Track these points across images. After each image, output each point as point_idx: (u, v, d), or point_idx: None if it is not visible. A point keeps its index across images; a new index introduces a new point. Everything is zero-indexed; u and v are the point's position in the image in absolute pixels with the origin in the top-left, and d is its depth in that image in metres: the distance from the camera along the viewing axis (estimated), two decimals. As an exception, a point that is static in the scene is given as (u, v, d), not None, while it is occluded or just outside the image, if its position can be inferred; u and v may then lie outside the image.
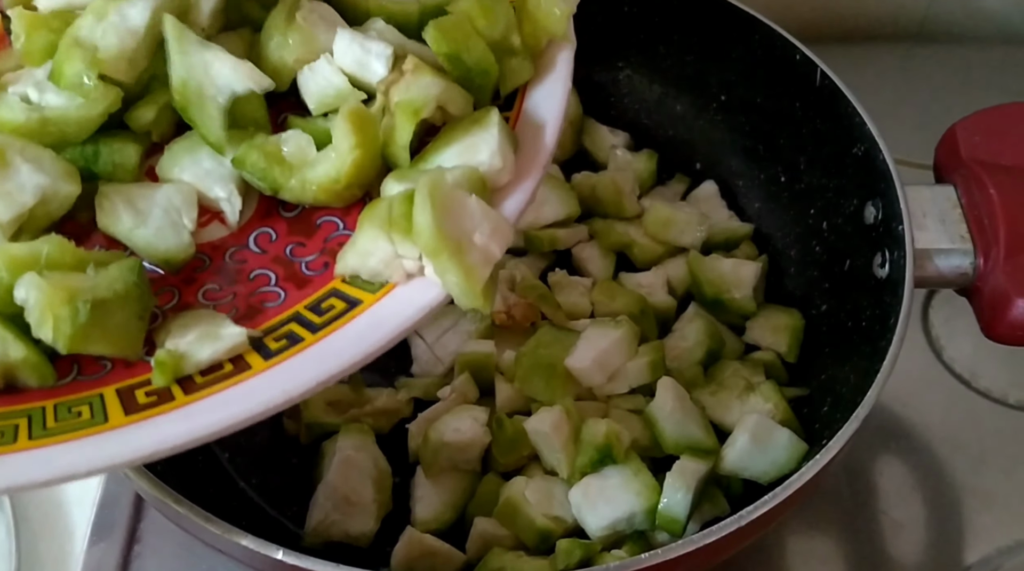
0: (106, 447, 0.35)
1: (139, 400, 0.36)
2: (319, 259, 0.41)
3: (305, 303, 0.39)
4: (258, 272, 0.41)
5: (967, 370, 0.73)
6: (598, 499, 0.56)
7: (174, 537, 0.64)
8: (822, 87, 0.64)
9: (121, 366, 0.38)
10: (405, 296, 0.39)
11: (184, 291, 0.41)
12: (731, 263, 0.66)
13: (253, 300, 0.40)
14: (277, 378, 0.36)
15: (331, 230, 0.42)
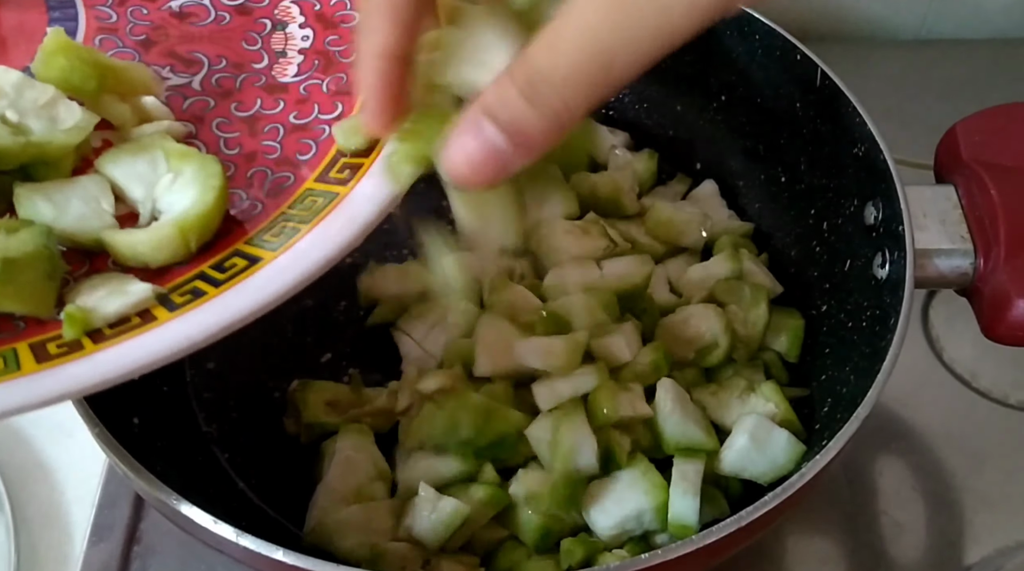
0: (17, 390, 0.37)
1: (50, 351, 0.39)
2: (223, 226, 0.45)
3: (209, 263, 0.43)
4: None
5: (967, 370, 0.73)
6: (606, 498, 0.56)
7: (174, 537, 0.64)
8: (822, 87, 0.64)
9: (34, 324, 0.40)
10: (303, 251, 0.42)
11: (95, 259, 0.44)
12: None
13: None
14: (181, 327, 0.40)
15: (235, 201, 0.46)
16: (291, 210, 0.45)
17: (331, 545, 0.55)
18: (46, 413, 0.71)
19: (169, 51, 0.52)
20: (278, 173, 0.47)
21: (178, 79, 0.51)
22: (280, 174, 0.47)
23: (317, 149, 0.48)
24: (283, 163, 0.48)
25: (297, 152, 0.48)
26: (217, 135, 0.49)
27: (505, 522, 0.58)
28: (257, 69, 0.52)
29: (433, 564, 0.56)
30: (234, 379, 0.66)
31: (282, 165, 0.48)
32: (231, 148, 0.49)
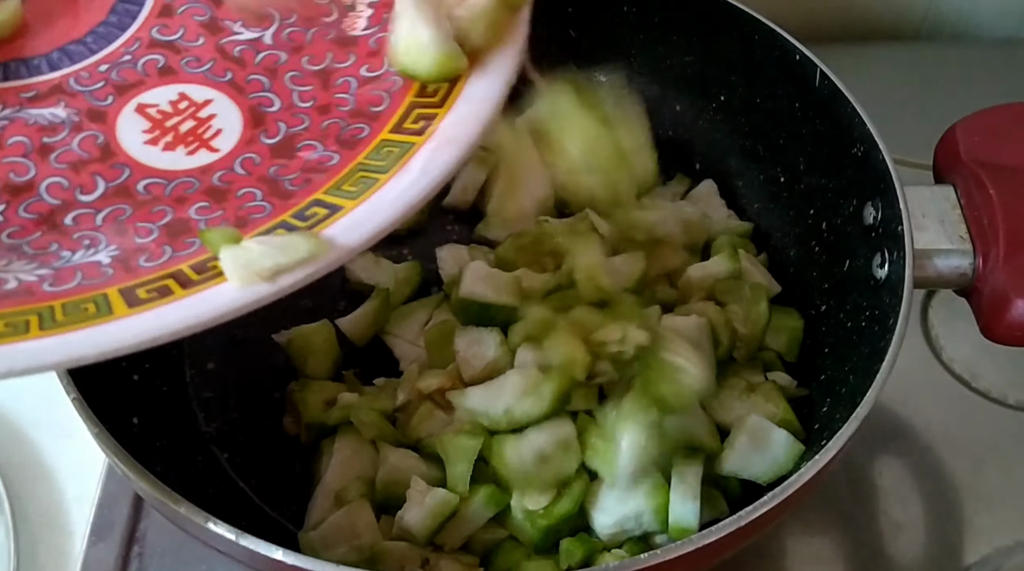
0: (112, 333, 0.38)
1: (140, 296, 0.40)
2: (301, 176, 0.45)
3: (290, 212, 0.43)
4: (245, 190, 0.45)
5: (967, 370, 0.73)
6: (607, 498, 0.56)
7: (174, 537, 0.64)
8: (822, 87, 0.64)
9: (122, 270, 0.41)
10: (382, 200, 0.43)
11: (176, 209, 0.44)
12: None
13: (241, 213, 0.44)
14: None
15: (311, 151, 0.47)
16: (368, 161, 0.45)
17: (321, 556, 0.55)
18: (46, 413, 0.71)
19: (241, 6, 0.52)
20: (352, 125, 0.48)
21: (250, 34, 0.51)
22: (355, 126, 0.47)
23: (391, 100, 0.48)
24: (357, 115, 0.48)
25: (370, 104, 0.48)
26: (290, 88, 0.49)
27: (504, 522, 0.58)
28: (327, 23, 0.52)
29: (432, 564, 0.56)
30: (234, 379, 0.66)
31: (356, 117, 0.48)
32: (304, 101, 0.49)
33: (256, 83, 0.49)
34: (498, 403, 0.58)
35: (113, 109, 0.48)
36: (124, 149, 0.47)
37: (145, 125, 0.47)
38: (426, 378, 0.62)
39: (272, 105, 0.49)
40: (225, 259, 0.40)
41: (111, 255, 0.42)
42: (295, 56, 0.51)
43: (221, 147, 0.47)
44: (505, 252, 0.67)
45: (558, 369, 0.58)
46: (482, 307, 0.62)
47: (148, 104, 0.48)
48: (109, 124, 0.47)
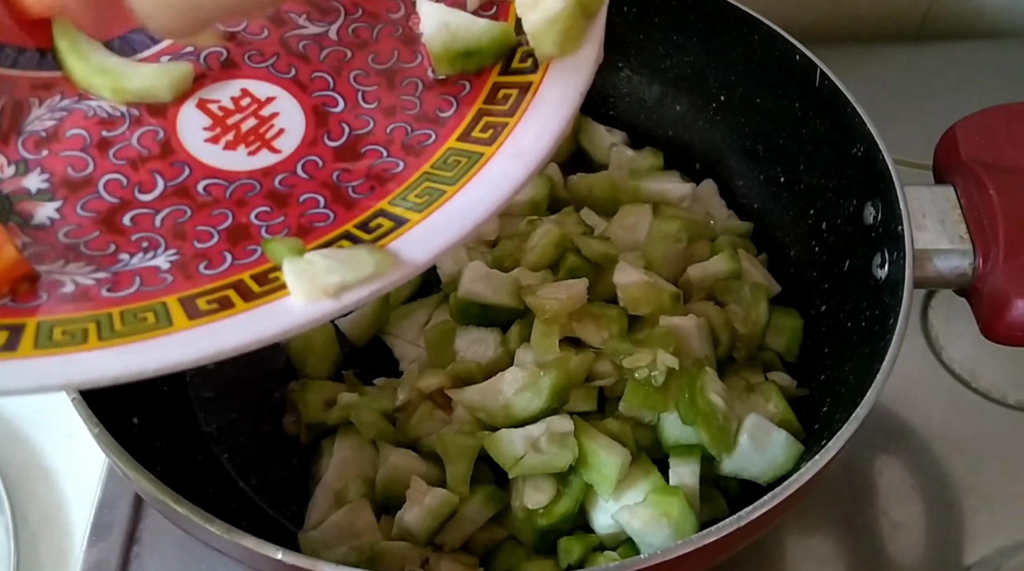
0: (172, 347, 0.37)
1: (200, 307, 0.38)
2: (365, 183, 0.43)
3: (354, 222, 0.42)
4: (307, 196, 0.43)
5: (967, 370, 0.73)
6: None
7: (174, 537, 0.64)
8: (822, 87, 0.64)
9: (181, 277, 0.40)
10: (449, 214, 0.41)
11: (237, 213, 0.43)
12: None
13: (303, 221, 0.42)
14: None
15: (375, 157, 0.45)
16: (434, 170, 0.43)
17: (322, 556, 0.55)
18: (46, 413, 0.71)
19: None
20: (418, 130, 0.46)
21: (315, 28, 0.49)
22: (420, 131, 0.46)
23: (458, 106, 0.46)
24: (423, 119, 0.46)
25: (437, 108, 0.46)
26: (355, 87, 0.47)
27: (504, 522, 0.58)
28: (394, 19, 0.50)
29: (432, 564, 0.56)
30: (234, 379, 0.66)
31: (422, 121, 0.46)
32: (369, 102, 0.47)
33: (320, 81, 0.47)
34: (496, 398, 0.58)
35: (174, 104, 0.46)
36: (184, 146, 0.45)
37: (206, 122, 0.46)
38: (426, 378, 0.62)
39: (336, 105, 0.47)
40: (289, 272, 0.38)
41: (170, 260, 0.40)
42: (360, 53, 0.48)
43: (283, 148, 0.45)
44: (502, 251, 0.67)
45: (555, 364, 0.58)
46: (481, 307, 0.62)
47: (210, 100, 0.46)
48: (170, 119, 0.46)
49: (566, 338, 0.61)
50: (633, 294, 0.62)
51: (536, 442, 0.56)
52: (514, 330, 0.62)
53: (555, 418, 0.57)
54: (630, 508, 0.55)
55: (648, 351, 0.58)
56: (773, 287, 0.67)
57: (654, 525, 0.54)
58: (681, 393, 0.57)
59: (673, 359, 0.57)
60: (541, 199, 0.71)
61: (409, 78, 0.48)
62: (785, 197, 0.70)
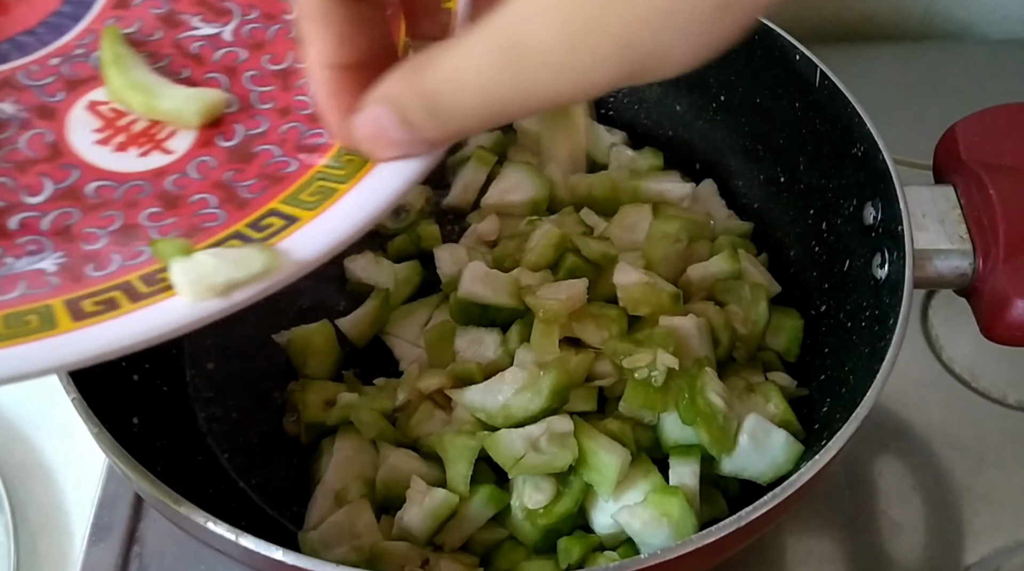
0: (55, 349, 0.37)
1: (85, 309, 0.38)
2: (258, 183, 0.44)
3: (246, 221, 0.42)
4: (199, 196, 0.43)
5: (967, 370, 0.73)
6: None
7: (174, 537, 0.64)
8: (822, 87, 0.64)
9: (68, 280, 0.40)
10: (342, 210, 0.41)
11: (127, 214, 0.43)
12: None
13: (194, 221, 0.42)
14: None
15: (268, 157, 0.45)
16: (327, 169, 0.44)
17: (321, 556, 0.55)
18: (46, 413, 0.71)
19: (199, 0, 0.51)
20: (312, 129, 0.46)
21: (209, 29, 0.49)
22: (315, 130, 0.46)
23: None
24: (318, 119, 0.46)
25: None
26: (249, 88, 0.48)
27: (504, 522, 0.58)
28: (289, 20, 0.50)
29: (432, 564, 0.56)
30: (234, 379, 0.66)
31: (316, 121, 0.46)
32: (264, 102, 0.47)
33: (214, 82, 0.47)
34: (496, 398, 0.58)
35: (63, 106, 0.46)
36: (74, 149, 0.45)
37: (97, 124, 0.45)
38: (426, 378, 0.62)
39: (230, 106, 0.47)
40: (176, 272, 0.38)
41: (57, 263, 0.40)
42: (255, 54, 0.49)
43: (175, 149, 0.45)
44: (502, 252, 0.67)
45: (555, 365, 0.58)
46: (481, 308, 0.62)
47: (101, 102, 0.46)
48: (59, 122, 0.45)
49: (566, 338, 0.61)
50: (633, 294, 0.62)
51: (536, 442, 0.56)
52: (514, 330, 0.62)
53: (555, 418, 0.57)
54: (630, 508, 0.55)
55: (648, 351, 0.58)
56: (773, 287, 0.67)
57: (654, 525, 0.54)
58: (681, 393, 0.57)
59: (673, 359, 0.57)
60: (541, 199, 0.71)
61: (305, 78, 0.48)
62: (785, 197, 0.70)
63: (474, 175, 0.73)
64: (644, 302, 0.62)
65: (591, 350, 0.61)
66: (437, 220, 0.73)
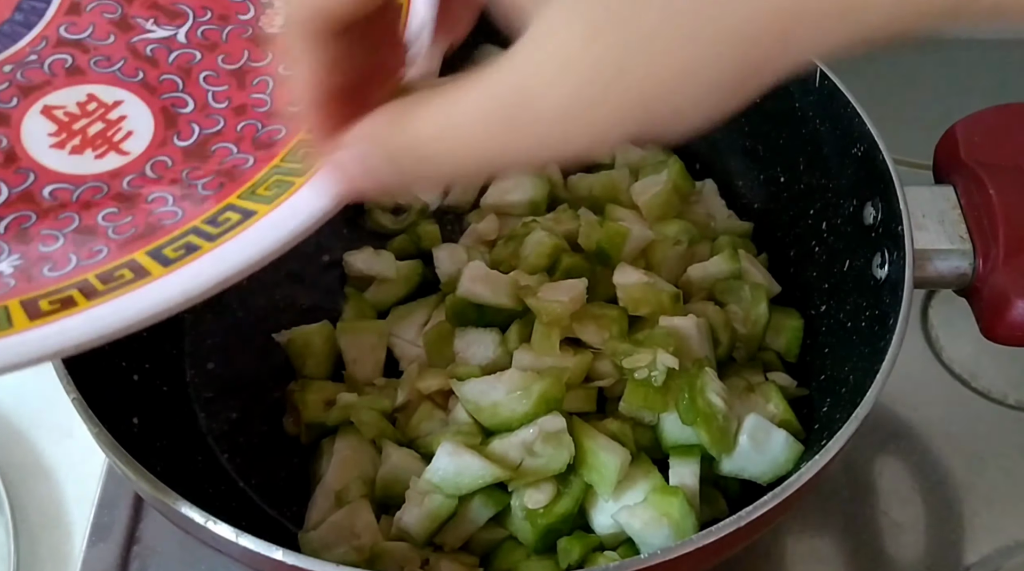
0: (11, 348, 0.37)
1: (43, 308, 0.39)
2: (215, 180, 0.44)
3: (202, 218, 0.42)
4: (156, 194, 0.44)
5: (967, 370, 0.73)
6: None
7: (174, 537, 0.64)
8: (821, 87, 0.64)
9: (24, 281, 0.40)
10: (298, 203, 0.41)
11: (83, 215, 0.43)
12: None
13: (151, 219, 0.43)
14: (176, 281, 0.39)
15: (225, 155, 0.45)
16: (284, 163, 0.44)
17: (321, 556, 0.55)
18: (46, 413, 0.71)
19: (152, 3, 0.51)
20: (269, 126, 0.47)
21: (163, 31, 0.50)
22: (271, 127, 0.46)
23: None
24: (274, 116, 0.47)
25: (288, 104, 0.47)
26: (205, 88, 0.48)
27: (504, 522, 0.58)
28: (243, 20, 0.51)
29: (432, 564, 0.56)
30: (234, 379, 0.66)
31: (273, 118, 0.47)
32: (219, 102, 0.48)
33: (169, 83, 0.48)
34: (489, 395, 0.58)
35: (17, 111, 0.46)
36: (29, 153, 0.45)
37: (51, 128, 0.46)
38: (426, 378, 0.62)
39: (186, 106, 0.47)
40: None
41: (13, 265, 0.41)
42: (210, 55, 0.49)
43: (132, 150, 0.46)
44: (499, 254, 0.67)
45: (551, 373, 0.58)
46: (477, 310, 0.62)
47: (55, 106, 0.47)
48: (13, 127, 0.46)
49: (566, 338, 0.61)
50: (633, 294, 0.62)
51: (531, 446, 0.56)
52: (513, 330, 0.62)
53: (546, 418, 0.57)
54: (630, 508, 0.55)
55: (648, 351, 0.58)
56: (773, 287, 0.67)
57: (654, 525, 0.54)
58: (681, 393, 0.57)
59: (673, 359, 0.57)
60: (540, 200, 0.71)
61: (260, 77, 0.49)
62: (785, 197, 0.70)
63: (474, 175, 0.73)
64: (644, 302, 0.62)
65: (590, 350, 0.61)
66: (437, 220, 0.73)
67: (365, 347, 0.65)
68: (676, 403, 0.57)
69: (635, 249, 0.67)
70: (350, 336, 0.65)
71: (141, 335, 0.57)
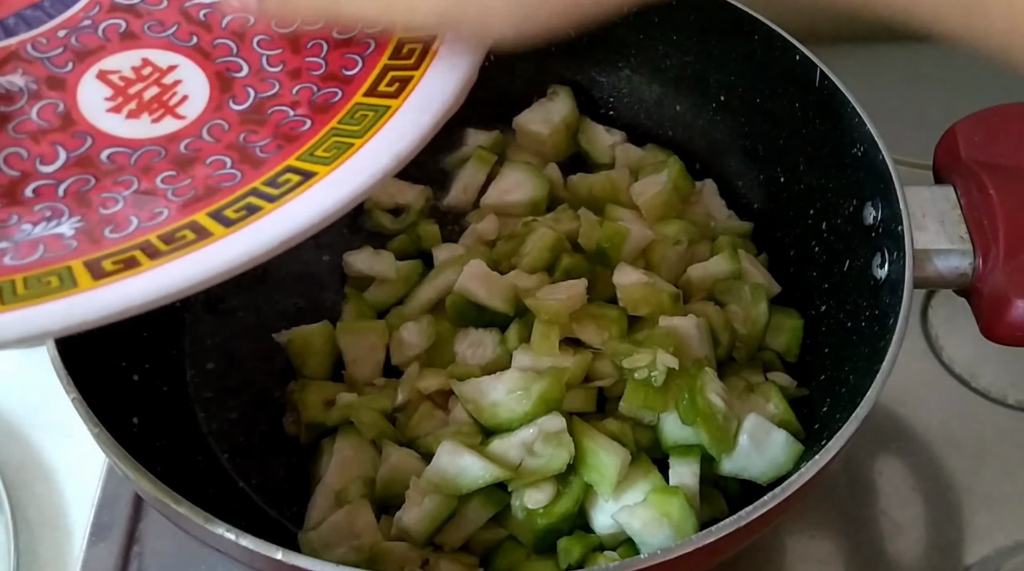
0: (77, 307, 0.37)
1: (106, 268, 0.39)
2: (272, 143, 0.44)
3: (262, 179, 0.43)
4: (214, 158, 0.44)
5: (966, 370, 0.73)
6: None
7: (174, 537, 0.64)
8: (822, 87, 0.64)
9: (86, 242, 0.40)
10: (357, 164, 0.42)
11: (142, 178, 0.43)
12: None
13: (211, 182, 0.43)
14: (239, 242, 0.39)
15: (282, 118, 0.46)
16: (341, 125, 0.44)
17: (321, 556, 0.55)
18: (46, 413, 0.71)
19: None
20: (324, 89, 0.47)
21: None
22: (327, 90, 0.47)
23: (364, 63, 0.47)
24: (329, 79, 0.47)
25: (343, 67, 0.47)
26: (259, 52, 0.48)
27: (504, 522, 0.58)
28: None
29: (432, 564, 0.56)
30: (234, 379, 0.66)
31: (328, 81, 0.47)
32: (274, 65, 0.48)
33: (223, 47, 0.48)
34: (489, 395, 0.58)
35: (73, 76, 0.47)
36: (86, 118, 0.45)
37: (107, 92, 0.46)
38: (426, 378, 0.62)
39: (240, 70, 0.47)
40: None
41: (75, 227, 0.41)
42: (263, 19, 0.49)
43: (188, 114, 0.46)
44: (499, 253, 0.67)
45: (551, 373, 0.58)
46: (477, 309, 0.62)
47: (110, 71, 0.47)
48: (69, 92, 0.46)
49: (566, 338, 0.61)
50: (633, 295, 0.62)
51: (531, 446, 0.56)
52: (513, 330, 0.62)
53: (546, 418, 0.57)
54: (630, 508, 0.55)
55: (648, 351, 0.58)
56: (773, 287, 0.67)
57: (654, 525, 0.54)
58: (681, 393, 0.57)
59: (673, 359, 0.57)
60: (540, 200, 0.71)
61: (314, 40, 0.49)
62: (785, 197, 0.70)
63: (474, 175, 0.73)
64: (644, 302, 0.62)
65: (590, 351, 0.61)
66: (437, 220, 0.73)
67: (365, 347, 0.65)
68: (676, 403, 0.57)
69: (635, 249, 0.67)
70: (350, 336, 0.65)
71: (141, 335, 0.58)
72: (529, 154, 0.75)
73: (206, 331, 0.67)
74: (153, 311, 0.38)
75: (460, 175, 0.74)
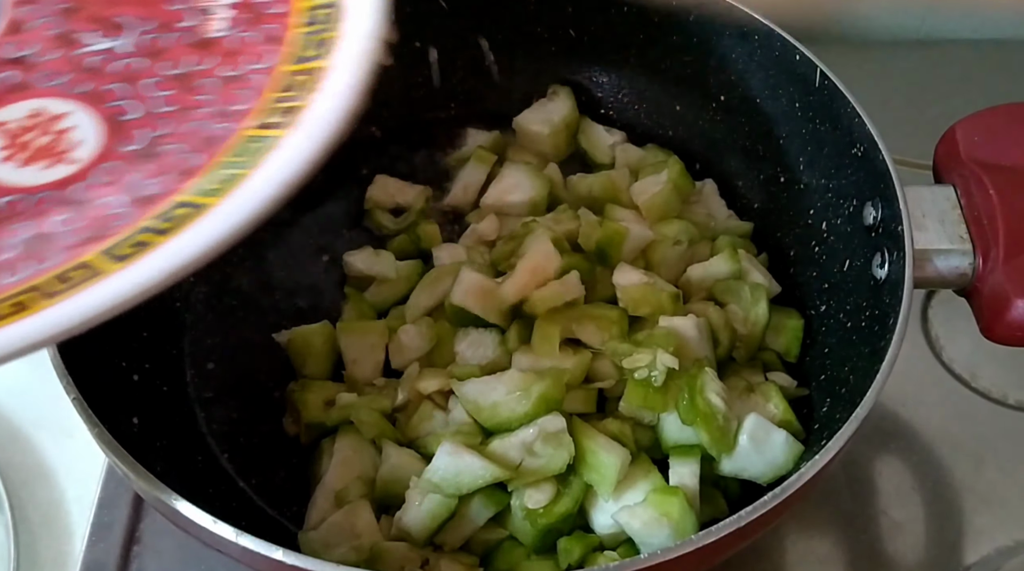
0: None
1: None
2: (164, 180, 0.45)
3: (152, 215, 0.44)
4: (106, 199, 0.45)
5: (967, 370, 0.73)
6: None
7: (174, 537, 0.64)
8: (821, 87, 0.64)
9: None
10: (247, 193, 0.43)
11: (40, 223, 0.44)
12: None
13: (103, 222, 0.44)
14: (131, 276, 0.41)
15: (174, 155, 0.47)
16: (231, 158, 0.46)
17: (322, 556, 0.55)
18: (46, 413, 0.71)
19: (94, 17, 0.52)
20: (216, 125, 0.48)
21: (106, 43, 0.51)
22: (219, 126, 0.48)
23: (252, 99, 0.49)
24: (219, 115, 0.49)
25: (232, 103, 0.49)
26: (150, 95, 0.50)
27: (504, 522, 0.58)
28: (182, 27, 0.52)
29: (432, 564, 0.56)
30: (234, 379, 0.66)
31: (218, 117, 0.48)
32: (166, 106, 0.49)
33: (115, 92, 0.49)
34: (489, 396, 0.58)
35: None
36: None
37: (1, 142, 0.47)
38: (426, 378, 0.62)
39: (132, 113, 0.49)
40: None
41: None
42: (153, 62, 0.51)
43: (81, 158, 0.47)
44: (499, 254, 0.67)
45: (551, 374, 0.58)
46: (475, 314, 0.62)
47: (2, 121, 0.48)
48: None
49: (566, 339, 0.61)
50: (633, 295, 0.62)
51: (531, 446, 0.56)
52: (513, 331, 0.62)
53: (546, 418, 0.57)
54: (630, 508, 0.55)
55: (648, 351, 0.58)
56: (773, 287, 0.67)
57: (654, 525, 0.54)
58: (681, 393, 0.57)
59: (673, 359, 0.57)
60: (540, 200, 0.71)
61: (203, 79, 0.50)
62: (785, 197, 0.70)
63: (474, 175, 0.73)
64: (644, 302, 0.62)
65: (590, 351, 0.61)
66: (437, 220, 0.73)
67: (365, 347, 0.65)
68: (676, 403, 0.57)
69: (635, 249, 0.67)
70: (350, 336, 0.65)
71: (141, 335, 0.58)
72: (529, 154, 0.75)
73: (206, 331, 0.67)
74: (153, 311, 0.38)
75: (460, 175, 0.74)
